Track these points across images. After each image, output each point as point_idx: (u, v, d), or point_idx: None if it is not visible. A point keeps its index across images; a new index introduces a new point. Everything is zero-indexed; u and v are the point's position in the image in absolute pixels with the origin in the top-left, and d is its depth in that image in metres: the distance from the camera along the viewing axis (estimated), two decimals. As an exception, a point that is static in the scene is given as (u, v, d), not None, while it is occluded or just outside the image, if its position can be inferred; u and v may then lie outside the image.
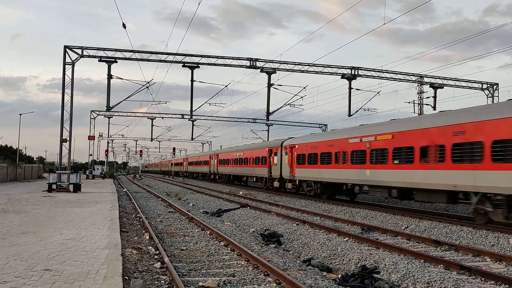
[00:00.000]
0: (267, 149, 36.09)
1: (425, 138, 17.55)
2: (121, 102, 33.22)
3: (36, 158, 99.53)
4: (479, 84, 35.72)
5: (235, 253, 10.82)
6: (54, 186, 28.30)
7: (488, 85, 35.73)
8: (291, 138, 33.60)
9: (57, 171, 30.43)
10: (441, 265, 10.06)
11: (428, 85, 35.63)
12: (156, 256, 10.26)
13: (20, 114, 56.17)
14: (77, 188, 28.30)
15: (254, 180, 41.08)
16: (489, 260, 10.85)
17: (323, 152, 26.01)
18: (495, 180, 14.21)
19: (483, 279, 8.98)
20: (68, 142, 29.36)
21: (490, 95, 35.56)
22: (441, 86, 34.98)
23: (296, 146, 30.04)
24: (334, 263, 11.13)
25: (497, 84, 35.80)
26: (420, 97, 59.49)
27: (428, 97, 39.34)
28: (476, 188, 15.05)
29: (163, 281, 8.16)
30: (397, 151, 19.26)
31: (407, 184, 18.54)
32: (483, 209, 15.12)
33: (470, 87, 35.61)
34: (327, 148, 25.63)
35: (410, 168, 18.34)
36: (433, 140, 17.10)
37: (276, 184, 34.08)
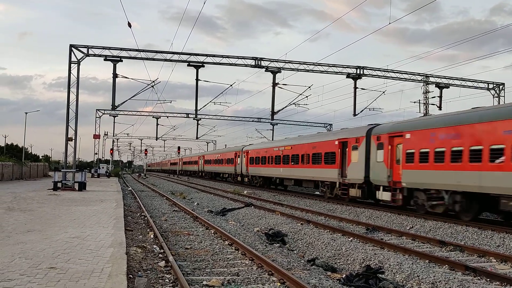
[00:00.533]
0: (234, 152, 48.17)
1: (303, 149, 29.45)
2: (126, 101, 33.19)
3: (42, 156, 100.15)
4: (485, 84, 35.52)
5: (240, 252, 10.82)
6: (59, 185, 28.41)
7: (494, 85, 35.53)
8: (250, 144, 46.38)
9: (62, 170, 30.54)
10: (446, 265, 10.02)
11: (434, 85, 35.47)
12: (160, 255, 10.27)
13: (26, 113, 56.48)
14: (82, 186, 28.39)
15: (227, 176, 54.62)
16: (495, 261, 10.80)
17: (262, 156, 37.81)
18: (326, 174, 25.89)
19: (488, 279, 8.94)
20: (73, 140, 29.46)
21: (496, 95, 35.37)
22: (447, 86, 34.82)
23: (249, 151, 42.12)
24: (339, 263, 11.12)
25: (503, 84, 35.59)
26: (426, 97, 59.22)
27: (434, 97, 39.12)
28: (321, 178, 26.73)
29: (167, 280, 8.17)
30: (293, 156, 30.97)
31: (298, 177, 30.78)
32: (323, 190, 26.68)
33: (476, 87, 35.42)
34: (264, 153, 37.57)
35: (298, 167, 30.15)
36: (306, 151, 28.84)
37: (239, 178, 46.03)
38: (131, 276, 7.86)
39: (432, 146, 17.23)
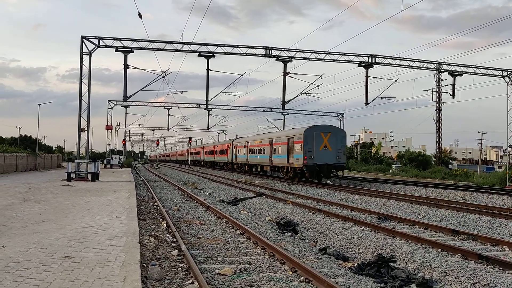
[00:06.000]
0: (226, 144, 56.24)
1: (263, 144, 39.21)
2: (137, 92, 33.41)
3: (55, 147, 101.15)
4: (499, 71, 34.98)
5: (251, 241, 10.88)
6: (73, 175, 28.73)
7: (509, 72, 34.97)
8: (239, 138, 55.60)
9: (75, 160, 30.85)
10: (459, 254, 9.98)
11: (447, 73, 35.04)
12: (173, 244, 10.36)
13: (39, 104, 56.69)
14: (95, 177, 28.69)
15: (221, 164, 61.65)
16: (508, 249, 10.73)
17: (255, 146, 42.26)
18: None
19: (501, 268, 8.90)
20: (86, 131, 29.70)
21: (510, 82, 34.83)
22: (460, 73, 34.33)
23: (238, 144, 50.09)
24: (350, 252, 11.13)
25: (517, 71, 35.02)
26: (439, 85, 58.64)
27: (447, 85, 38.68)
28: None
29: (180, 269, 8.25)
30: (256, 151, 41.21)
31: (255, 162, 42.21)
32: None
33: (489, 75, 34.90)
34: (252, 145, 43.12)
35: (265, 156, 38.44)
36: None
37: (230, 166, 54.49)
38: (144, 264, 7.96)
39: None
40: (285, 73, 31.16)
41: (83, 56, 28.90)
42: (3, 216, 12.32)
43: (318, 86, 35.22)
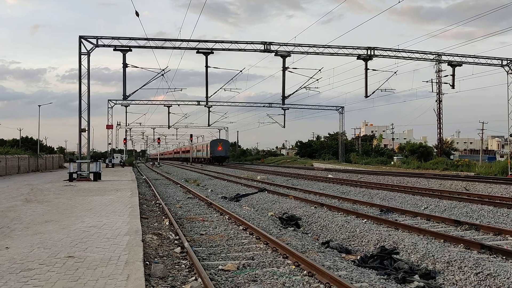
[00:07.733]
0: (189, 147, 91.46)
1: (196, 149, 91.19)
2: (136, 90, 33.20)
3: (57, 148, 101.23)
4: (499, 60, 34.84)
5: (254, 236, 10.90)
6: (74, 175, 28.74)
7: (508, 61, 34.85)
8: (194, 143, 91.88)
9: (77, 161, 30.87)
10: (461, 244, 9.99)
11: (447, 63, 34.91)
12: (176, 241, 10.37)
13: (39, 106, 56.79)
14: (97, 176, 28.70)
15: (188, 159, 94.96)
16: (511, 238, 10.74)
17: (197, 148, 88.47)
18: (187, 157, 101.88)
19: (504, 257, 8.91)
20: (87, 131, 29.70)
21: (510, 71, 34.73)
22: (460, 63, 34.20)
23: (194, 146, 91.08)
24: (353, 244, 11.15)
25: (517, 60, 34.88)
26: (439, 76, 58.51)
27: (447, 75, 38.55)
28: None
29: (183, 266, 8.27)
30: (197, 150, 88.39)
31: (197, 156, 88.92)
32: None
33: (489, 64, 34.77)
34: (197, 148, 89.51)
35: (201, 153, 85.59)
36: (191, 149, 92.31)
37: (191, 160, 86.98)
38: (147, 262, 7.98)
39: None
40: (284, 68, 31.11)
41: (82, 56, 28.85)
42: (6, 217, 12.35)
43: (317, 80, 35.29)
